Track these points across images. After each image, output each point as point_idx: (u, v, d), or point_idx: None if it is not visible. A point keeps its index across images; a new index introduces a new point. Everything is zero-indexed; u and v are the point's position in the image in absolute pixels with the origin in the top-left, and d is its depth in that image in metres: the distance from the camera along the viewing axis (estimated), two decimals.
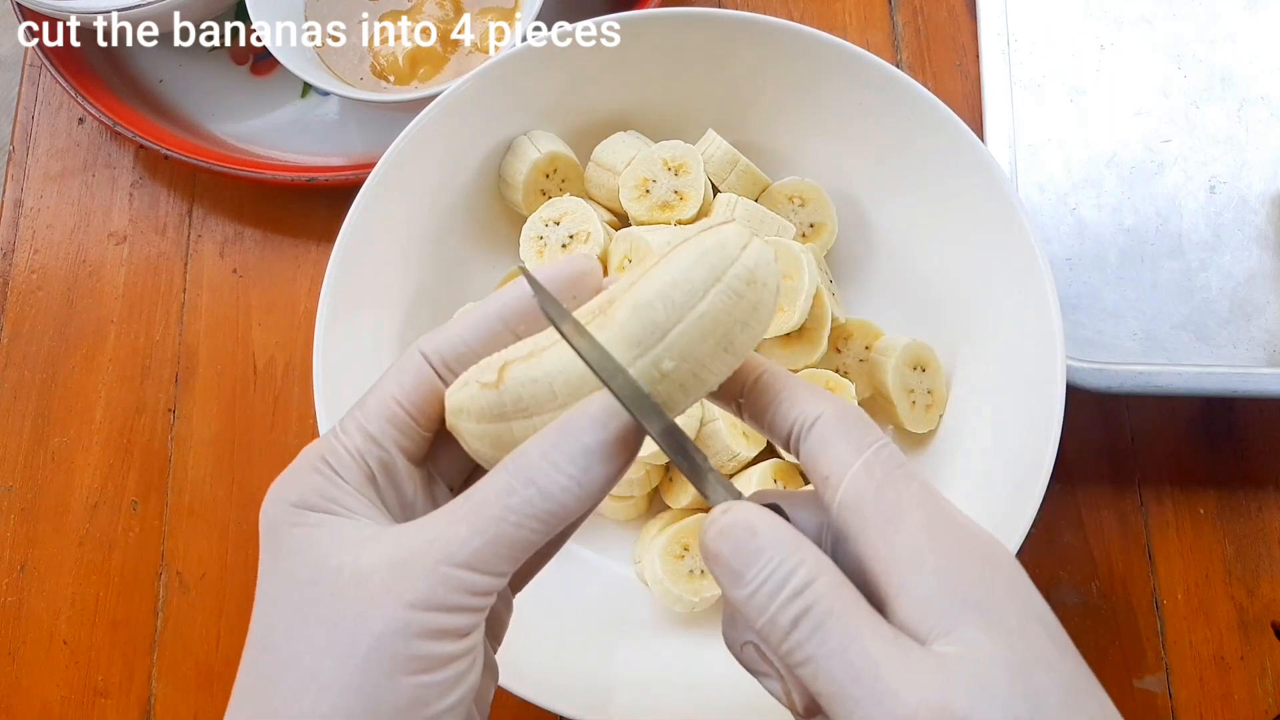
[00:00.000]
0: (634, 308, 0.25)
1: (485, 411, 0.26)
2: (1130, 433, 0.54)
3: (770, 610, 0.24)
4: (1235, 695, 0.50)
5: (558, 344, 0.26)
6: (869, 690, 0.22)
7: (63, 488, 0.55)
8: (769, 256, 0.26)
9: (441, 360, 0.28)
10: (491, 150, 0.51)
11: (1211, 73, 0.60)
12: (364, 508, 0.27)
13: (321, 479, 0.27)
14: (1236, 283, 0.55)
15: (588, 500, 0.25)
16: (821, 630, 0.23)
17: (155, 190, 0.61)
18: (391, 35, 0.60)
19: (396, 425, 0.28)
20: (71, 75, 0.59)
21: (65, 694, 0.52)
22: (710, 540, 0.25)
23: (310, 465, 0.27)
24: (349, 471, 0.27)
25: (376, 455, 0.27)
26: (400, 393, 0.28)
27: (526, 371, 0.26)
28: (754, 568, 0.24)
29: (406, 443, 0.28)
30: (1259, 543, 0.52)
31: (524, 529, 0.24)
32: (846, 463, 0.25)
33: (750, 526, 0.24)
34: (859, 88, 0.48)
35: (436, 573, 0.24)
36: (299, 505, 0.26)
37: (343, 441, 0.27)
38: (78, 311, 0.59)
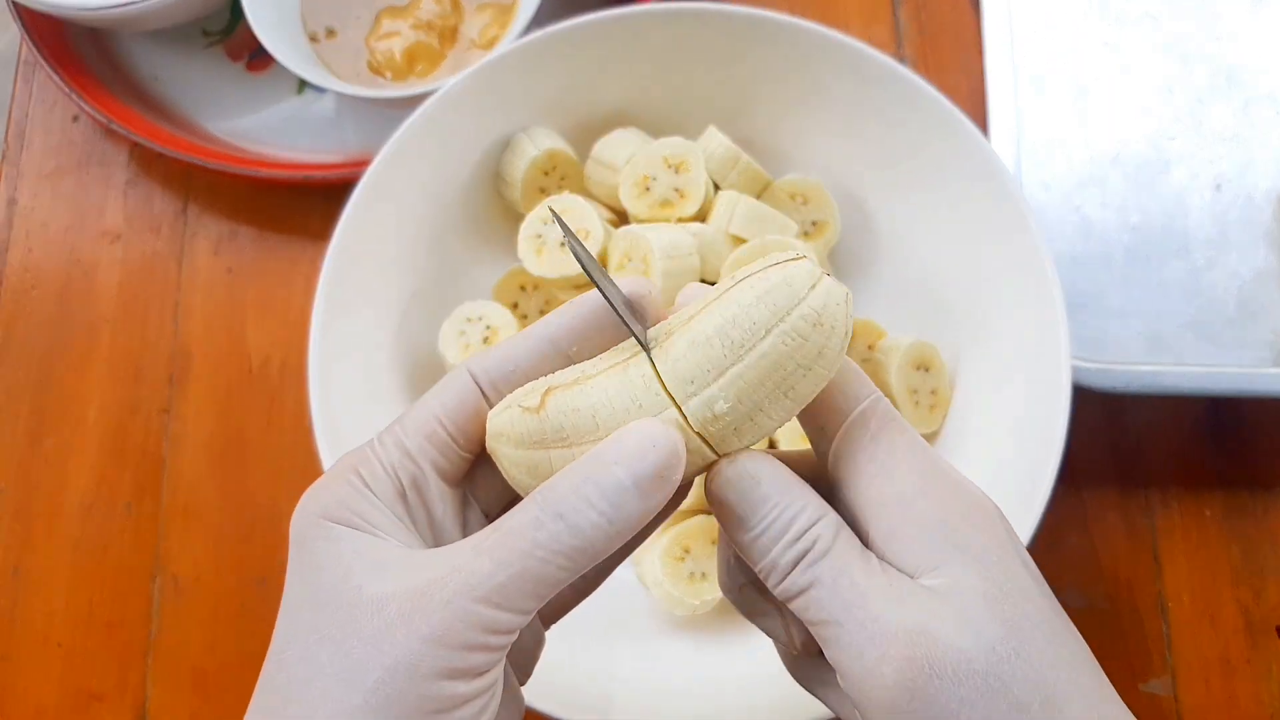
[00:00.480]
0: (690, 343, 0.24)
1: (525, 437, 0.26)
2: (1136, 433, 0.54)
3: (773, 553, 0.25)
4: (1241, 698, 0.50)
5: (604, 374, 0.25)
6: (854, 616, 0.24)
7: (56, 489, 0.55)
8: (839, 298, 0.24)
9: (489, 380, 0.27)
10: (489, 147, 0.51)
11: (1216, 70, 0.60)
12: (390, 524, 0.26)
13: (350, 490, 0.26)
14: (1243, 282, 0.55)
15: (619, 538, 0.24)
16: (816, 567, 0.25)
17: (150, 188, 0.61)
18: (388, 31, 0.59)
19: (435, 443, 0.27)
20: (66, 72, 0.59)
21: (59, 698, 0.52)
22: (717, 488, 0.26)
23: (342, 475, 0.26)
24: (380, 484, 0.26)
25: (410, 471, 0.27)
26: (442, 410, 0.27)
27: (570, 399, 0.25)
28: (758, 513, 0.25)
29: (444, 462, 0.27)
30: (1266, 545, 0.52)
31: (550, 565, 0.23)
32: (842, 413, 0.27)
33: (755, 475, 0.25)
34: (862, 84, 0.48)
35: (455, 606, 0.23)
36: (325, 517, 0.25)
37: (378, 454, 0.27)
38: (71, 311, 0.58)
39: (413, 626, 0.23)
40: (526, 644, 0.30)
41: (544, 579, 0.23)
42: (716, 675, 0.45)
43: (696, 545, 0.46)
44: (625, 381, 0.25)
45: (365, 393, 0.47)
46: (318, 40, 0.60)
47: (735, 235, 0.47)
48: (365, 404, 0.47)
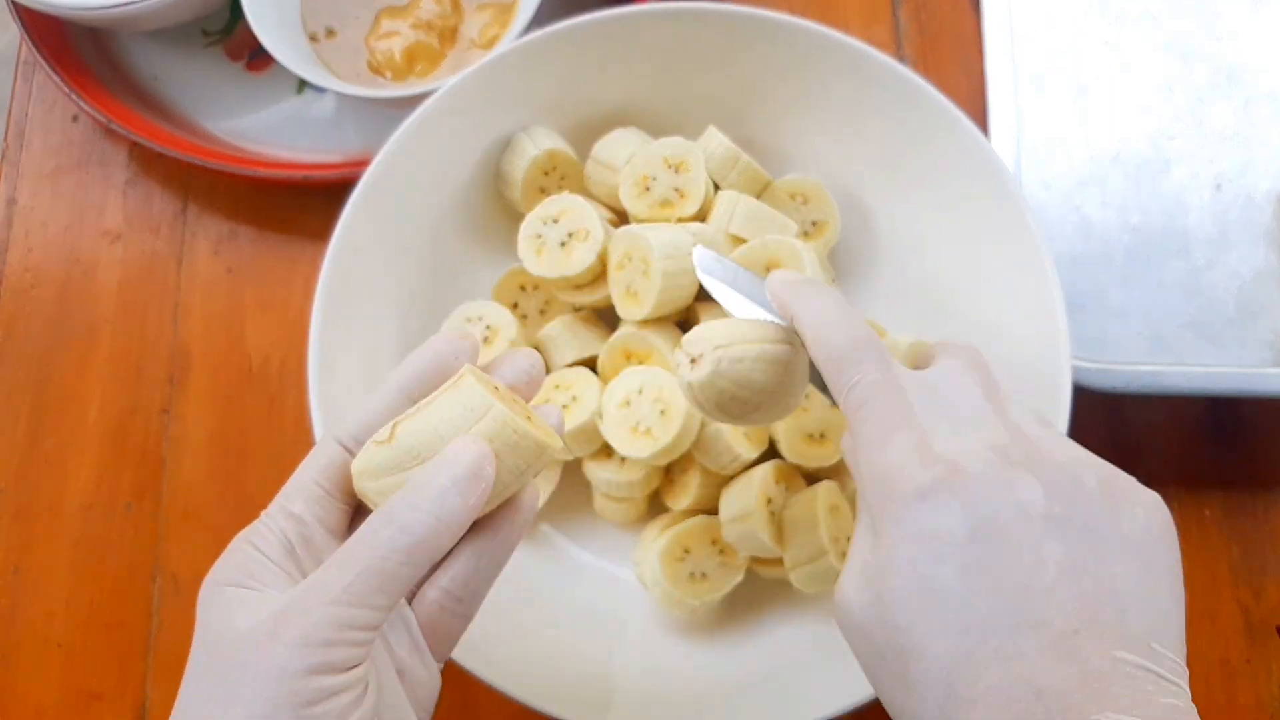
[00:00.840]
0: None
1: (382, 467, 0.30)
2: (1136, 433, 0.54)
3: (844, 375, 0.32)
4: (1241, 699, 0.50)
5: (441, 396, 0.30)
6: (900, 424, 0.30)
7: (56, 489, 0.55)
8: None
9: (353, 438, 0.31)
10: (489, 147, 0.51)
11: (1216, 69, 0.60)
12: (277, 578, 0.29)
13: (243, 556, 0.29)
14: (1243, 281, 0.55)
15: (447, 532, 0.28)
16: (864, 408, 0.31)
17: (149, 188, 0.61)
18: (388, 31, 0.59)
19: (315, 501, 0.31)
20: (65, 72, 0.59)
21: (59, 698, 0.52)
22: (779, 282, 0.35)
23: (238, 547, 0.30)
24: (269, 546, 0.29)
25: (297, 530, 0.30)
26: (316, 473, 0.31)
27: (415, 425, 0.30)
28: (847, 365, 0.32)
29: (326, 516, 0.31)
30: (1266, 545, 0.52)
31: (390, 561, 0.27)
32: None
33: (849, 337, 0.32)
34: (862, 83, 0.48)
35: (314, 613, 0.26)
36: (220, 582, 0.29)
37: (266, 522, 0.30)
38: (71, 310, 0.58)
39: (278, 638, 0.26)
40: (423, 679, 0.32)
41: (387, 574, 0.27)
42: (716, 675, 0.45)
43: (696, 546, 0.46)
44: (457, 394, 0.30)
45: (364, 391, 0.47)
46: (317, 40, 0.60)
47: (735, 235, 0.47)
48: None
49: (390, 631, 0.31)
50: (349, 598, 0.26)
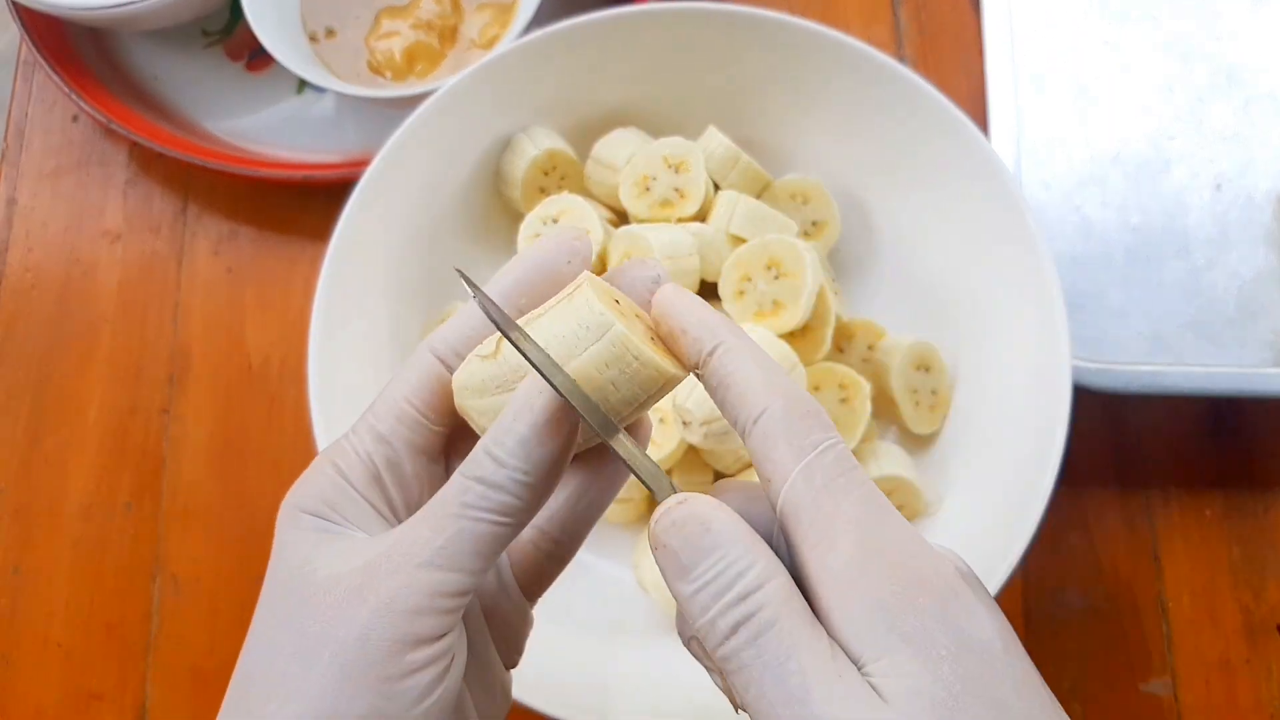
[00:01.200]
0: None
1: (487, 384, 0.26)
2: (1136, 433, 0.54)
3: (712, 611, 0.23)
4: (1241, 699, 0.50)
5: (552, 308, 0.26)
6: (796, 714, 0.22)
7: (56, 489, 0.55)
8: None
9: (450, 350, 0.28)
10: (489, 147, 0.51)
11: (1216, 70, 0.59)
12: (360, 511, 0.27)
13: (325, 480, 0.27)
14: (1243, 282, 0.55)
15: (541, 486, 0.25)
16: (760, 640, 0.22)
17: (149, 188, 0.61)
18: (388, 31, 0.59)
19: (405, 423, 0.27)
20: (65, 72, 0.58)
21: (59, 697, 0.52)
22: (661, 530, 0.24)
23: (319, 468, 0.27)
24: (354, 472, 0.27)
25: (384, 455, 0.27)
26: (408, 390, 0.27)
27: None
28: (703, 564, 0.23)
29: (418, 439, 0.28)
30: (1266, 545, 0.52)
31: (484, 523, 0.24)
32: (786, 467, 0.24)
33: (705, 521, 0.23)
34: (862, 84, 0.48)
35: (401, 574, 0.24)
36: (299, 508, 0.26)
37: (352, 443, 0.27)
38: (71, 310, 0.58)
39: (362, 598, 0.24)
40: (512, 620, 0.30)
41: (481, 536, 0.24)
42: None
43: None
44: (571, 309, 0.25)
45: (365, 392, 0.47)
46: (317, 40, 0.60)
47: (735, 235, 0.47)
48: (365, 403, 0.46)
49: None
50: (441, 560, 0.24)
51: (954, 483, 0.47)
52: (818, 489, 0.24)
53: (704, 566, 0.23)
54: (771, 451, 0.24)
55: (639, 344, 0.25)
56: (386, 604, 0.24)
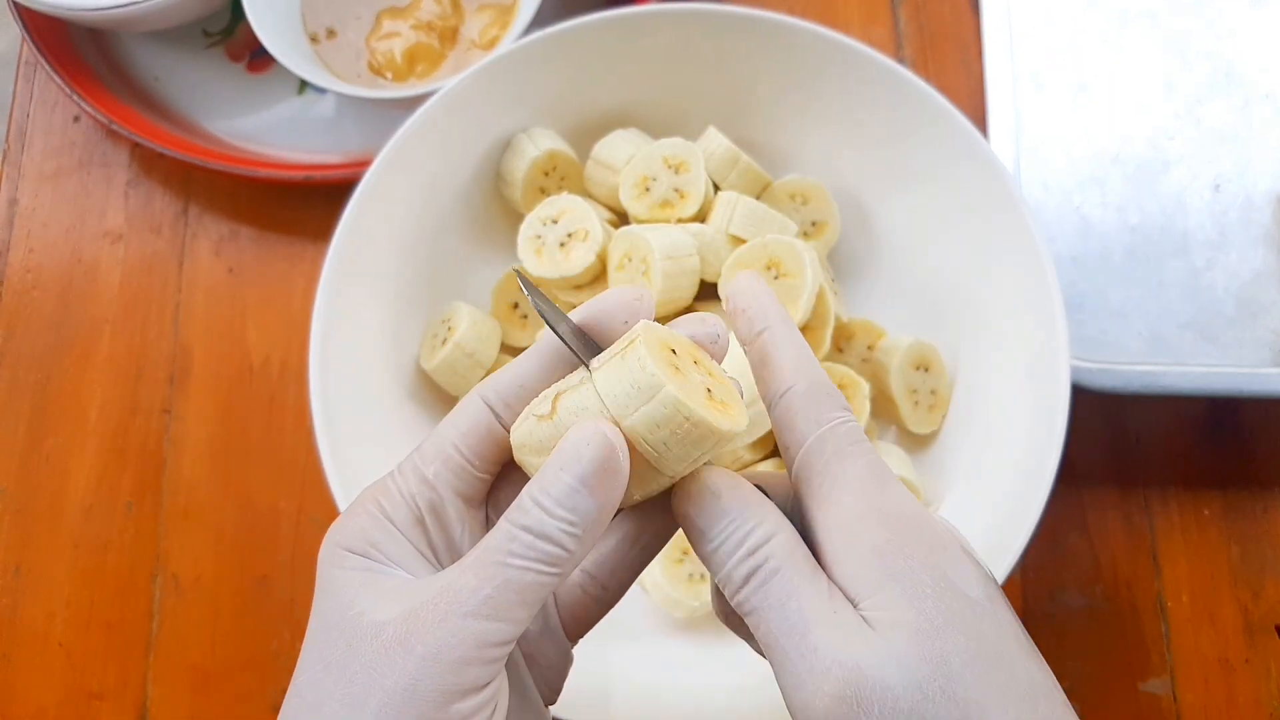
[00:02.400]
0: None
1: (544, 444, 0.26)
2: (1135, 433, 0.54)
3: (728, 565, 0.26)
4: (1240, 698, 0.50)
5: (609, 363, 0.26)
6: (797, 644, 0.24)
7: (57, 489, 0.55)
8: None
9: (501, 400, 0.28)
10: (490, 148, 0.51)
11: (1216, 69, 0.60)
12: (404, 552, 0.27)
13: (369, 520, 0.27)
14: (1242, 282, 0.55)
15: (587, 537, 0.25)
16: (767, 585, 0.25)
17: (151, 188, 0.61)
18: (389, 32, 0.59)
19: (451, 469, 0.28)
20: (67, 73, 0.59)
21: (60, 697, 0.52)
22: (678, 503, 0.27)
23: (362, 506, 0.28)
24: (398, 513, 0.27)
25: (428, 498, 0.28)
26: (456, 436, 0.28)
27: (577, 399, 0.26)
28: (716, 527, 0.26)
29: (462, 486, 0.28)
30: (1265, 545, 0.52)
31: (530, 573, 0.25)
32: (804, 434, 0.27)
33: (716, 489, 0.26)
34: (861, 84, 0.48)
35: (448, 624, 0.24)
36: (343, 546, 0.27)
37: (397, 483, 0.28)
38: (72, 311, 0.58)
39: (409, 647, 0.24)
40: (553, 661, 0.31)
41: (527, 586, 0.25)
42: (715, 676, 0.45)
43: None
44: (625, 366, 0.25)
45: (366, 392, 0.47)
46: (318, 41, 0.60)
47: (735, 235, 0.47)
48: (366, 403, 0.47)
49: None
50: (487, 610, 0.24)
51: (953, 482, 0.47)
52: (829, 455, 0.27)
53: (718, 529, 0.26)
54: (794, 421, 0.28)
55: (690, 405, 0.25)
56: (434, 654, 0.24)
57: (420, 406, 0.49)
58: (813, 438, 0.27)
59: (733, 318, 0.30)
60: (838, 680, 0.23)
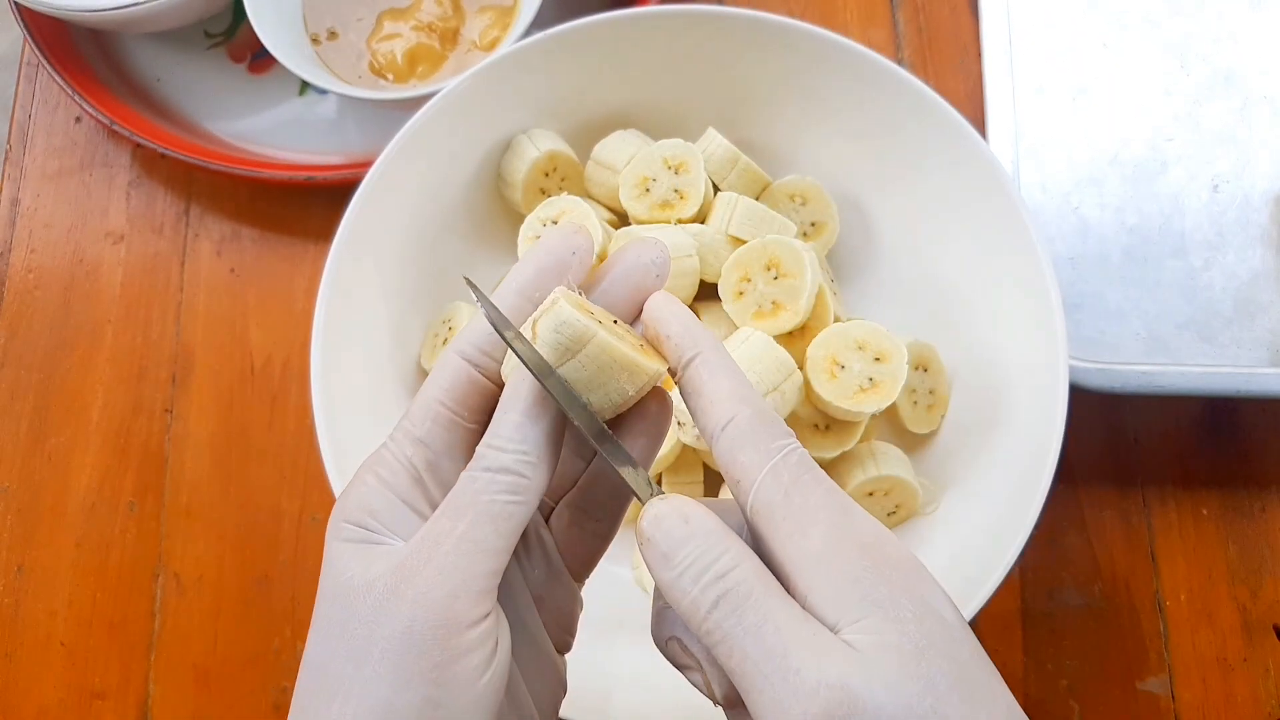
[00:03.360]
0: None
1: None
2: (1133, 433, 0.54)
3: (693, 592, 0.25)
4: (1238, 697, 0.50)
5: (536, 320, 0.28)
6: (777, 667, 0.24)
7: (60, 488, 0.55)
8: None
9: (475, 349, 0.29)
10: (491, 149, 0.51)
11: (1215, 71, 0.60)
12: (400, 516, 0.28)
13: (366, 489, 0.28)
14: (1240, 282, 0.55)
15: (542, 460, 0.27)
16: (739, 610, 0.25)
17: (152, 189, 0.61)
18: (389, 33, 0.60)
19: (441, 424, 0.29)
20: (68, 74, 0.59)
21: (62, 696, 0.52)
22: (646, 525, 0.27)
23: (360, 477, 0.28)
24: (395, 477, 0.28)
25: (423, 457, 0.29)
26: (440, 393, 0.29)
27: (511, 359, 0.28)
28: (683, 551, 0.26)
29: (454, 438, 0.29)
30: (1262, 544, 0.52)
31: (498, 503, 0.26)
32: (754, 468, 0.27)
33: (684, 514, 0.26)
34: (860, 86, 0.48)
35: (431, 565, 0.26)
36: (343, 518, 0.28)
37: (391, 450, 0.29)
38: (75, 311, 0.58)
39: (399, 594, 0.25)
40: (562, 603, 0.32)
41: (497, 515, 0.26)
42: None
43: None
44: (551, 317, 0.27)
45: (367, 392, 0.47)
46: (319, 42, 0.60)
47: (734, 236, 0.47)
48: (367, 403, 0.47)
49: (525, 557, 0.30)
50: (466, 545, 0.26)
51: (951, 482, 0.47)
52: (786, 486, 0.26)
53: (684, 553, 0.26)
54: (739, 455, 0.27)
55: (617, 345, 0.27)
56: (423, 594, 0.25)
57: None
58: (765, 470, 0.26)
59: (654, 343, 0.29)
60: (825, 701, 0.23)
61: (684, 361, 0.28)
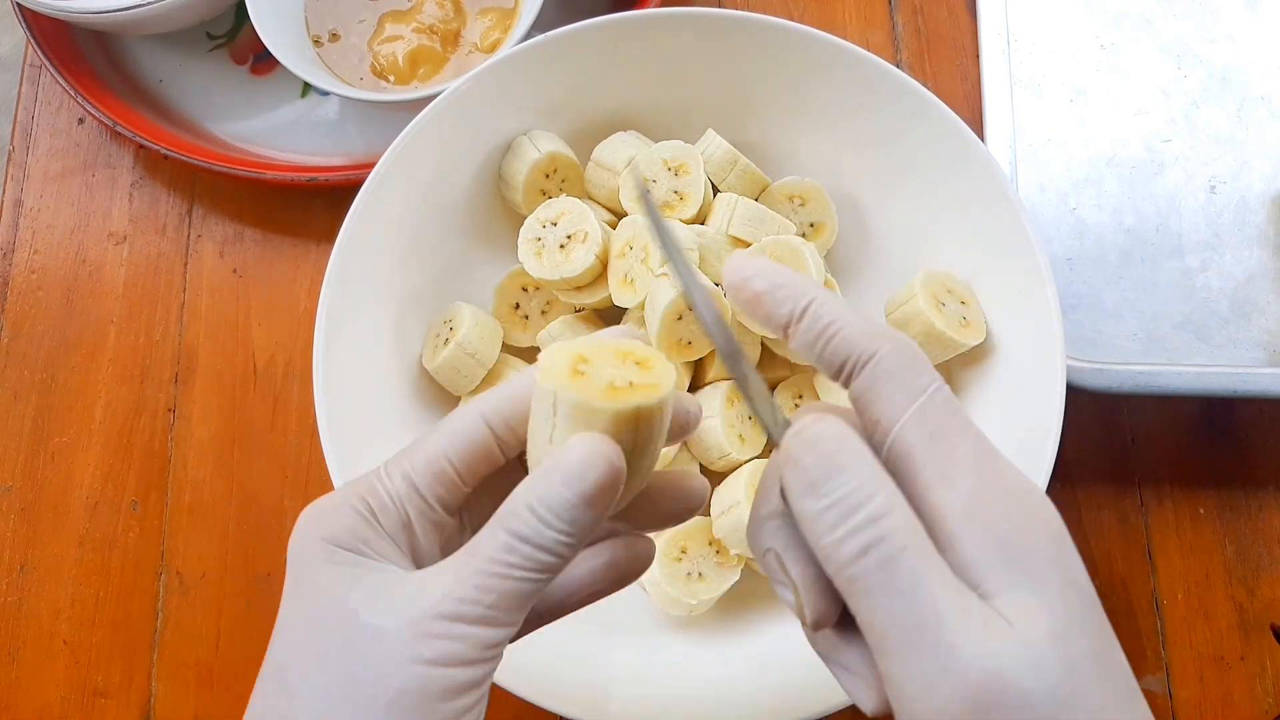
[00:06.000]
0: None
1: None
2: (1130, 433, 0.54)
3: (840, 531, 0.23)
4: (1235, 695, 0.50)
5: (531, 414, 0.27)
6: (930, 640, 0.22)
7: (62, 487, 0.55)
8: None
9: (502, 422, 0.28)
10: (491, 150, 0.51)
11: (1212, 72, 0.60)
12: (391, 553, 0.27)
13: (358, 519, 0.27)
14: (1237, 283, 0.55)
15: (580, 546, 0.26)
16: (890, 565, 0.23)
17: (155, 190, 0.61)
18: (391, 35, 0.60)
19: (442, 482, 0.28)
20: (71, 75, 0.59)
21: (65, 694, 0.52)
22: (797, 445, 0.25)
23: (348, 503, 0.27)
24: (387, 516, 0.27)
25: (417, 506, 0.28)
26: (453, 452, 0.28)
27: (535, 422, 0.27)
28: (833, 481, 0.24)
29: (448, 497, 0.28)
30: (1259, 543, 0.52)
31: (527, 582, 0.25)
32: (898, 409, 0.25)
33: (840, 440, 0.24)
34: (859, 88, 0.48)
35: (453, 631, 0.25)
36: (330, 541, 0.27)
37: (385, 486, 0.28)
38: (77, 311, 0.59)
39: (416, 653, 0.25)
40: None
41: (524, 593, 0.26)
42: (713, 675, 0.46)
43: (693, 546, 0.46)
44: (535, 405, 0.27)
45: (369, 392, 0.47)
46: (321, 44, 0.60)
47: (735, 237, 0.48)
48: (369, 403, 0.47)
49: None
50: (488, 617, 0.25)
51: None
52: (932, 429, 0.25)
53: (834, 484, 0.24)
54: (882, 392, 0.25)
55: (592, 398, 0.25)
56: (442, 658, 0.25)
57: (423, 406, 0.50)
58: (911, 411, 0.25)
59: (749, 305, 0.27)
60: (976, 685, 0.22)
61: (797, 310, 0.27)
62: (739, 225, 0.47)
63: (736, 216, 0.48)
